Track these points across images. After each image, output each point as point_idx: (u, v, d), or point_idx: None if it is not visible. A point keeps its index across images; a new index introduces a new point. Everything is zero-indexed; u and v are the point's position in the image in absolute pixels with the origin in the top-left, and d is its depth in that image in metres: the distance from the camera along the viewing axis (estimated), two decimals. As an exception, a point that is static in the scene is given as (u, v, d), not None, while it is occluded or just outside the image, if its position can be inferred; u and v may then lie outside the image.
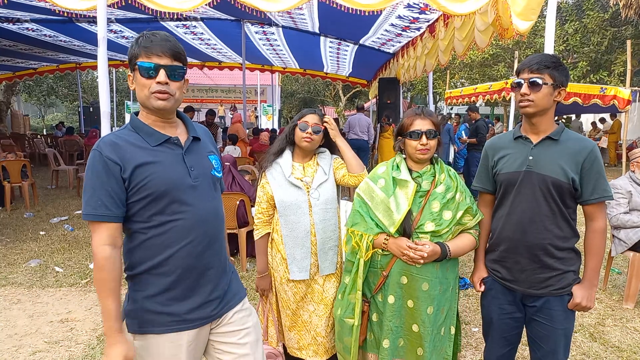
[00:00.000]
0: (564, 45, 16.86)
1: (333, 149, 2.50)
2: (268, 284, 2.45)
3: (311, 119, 2.37)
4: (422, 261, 1.93)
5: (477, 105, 12.87)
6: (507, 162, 1.98)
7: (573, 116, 17.58)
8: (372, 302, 2.12)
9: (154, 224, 1.49)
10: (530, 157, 1.91)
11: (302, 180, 2.37)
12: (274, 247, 2.42)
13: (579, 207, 1.95)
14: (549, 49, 4.08)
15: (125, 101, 22.43)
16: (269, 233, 2.44)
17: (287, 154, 2.44)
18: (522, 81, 1.87)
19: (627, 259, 4.12)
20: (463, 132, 10.79)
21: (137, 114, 1.60)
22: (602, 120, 16.39)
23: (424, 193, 2.03)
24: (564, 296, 1.92)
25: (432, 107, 9.92)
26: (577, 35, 16.19)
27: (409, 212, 1.99)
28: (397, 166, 2.10)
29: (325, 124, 2.40)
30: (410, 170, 2.08)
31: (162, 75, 1.47)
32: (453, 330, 2.10)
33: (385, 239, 2.01)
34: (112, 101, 22.07)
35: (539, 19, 4.40)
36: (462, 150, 10.57)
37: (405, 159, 2.12)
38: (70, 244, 5.74)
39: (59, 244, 5.71)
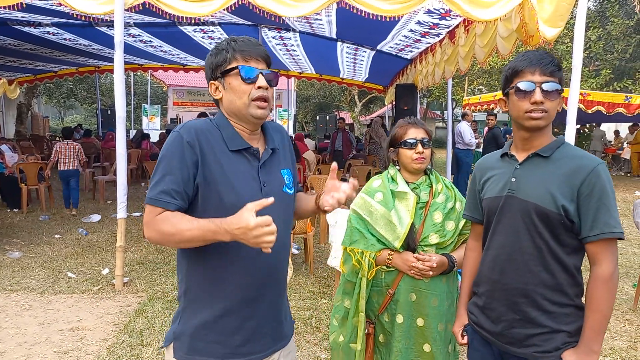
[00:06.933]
0: (587, 52, 16.52)
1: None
2: None
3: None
4: (430, 273, 1.87)
5: (495, 112, 12.61)
6: (490, 186, 1.63)
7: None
8: (377, 323, 2.02)
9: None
10: (513, 179, 1.54)
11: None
12: None
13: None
14: (578, 56, 3.92)
15: (143, 104, 22.64)
16: None
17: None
18: (534, 85, 1.45)
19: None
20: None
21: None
22: (635, 128, 15.11)
23: (424, 204, 1.98)
24: None
25: (450, 113, 9.74)
26: (600, 42, 15.85)
27: (412, 225, 1.93)
28: (393, 179, 2.03)
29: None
30: (406, 182, 2.01)
31: (262, 80, 1.38)
32: (458, 347, 2.02)
33: (389, 254, 1.95)
34: (129, 104, 22.37)
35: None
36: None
37: (399, 170, 2.05)
38: (84, 248, 5.72)
39: (73, 248, 5.69)
